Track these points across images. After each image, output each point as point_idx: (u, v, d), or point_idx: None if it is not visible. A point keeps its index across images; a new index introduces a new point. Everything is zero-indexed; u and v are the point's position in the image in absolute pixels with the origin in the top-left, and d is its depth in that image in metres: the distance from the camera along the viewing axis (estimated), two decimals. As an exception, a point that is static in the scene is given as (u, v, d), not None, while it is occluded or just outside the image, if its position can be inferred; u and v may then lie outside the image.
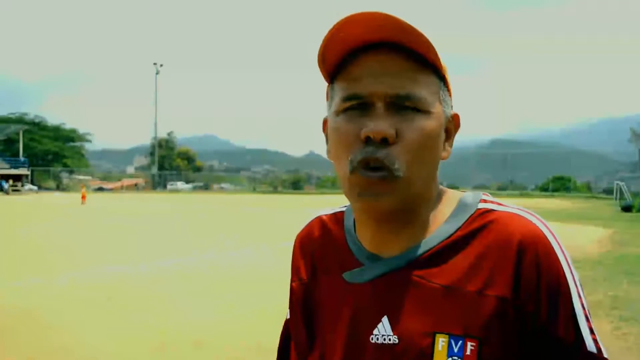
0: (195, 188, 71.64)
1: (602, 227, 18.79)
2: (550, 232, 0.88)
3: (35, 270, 9.66)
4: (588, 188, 68.95)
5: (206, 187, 74.55)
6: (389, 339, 0.90)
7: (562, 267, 0.85)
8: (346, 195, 0.94)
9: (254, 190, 70.20)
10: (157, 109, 76.10)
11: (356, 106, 0.89)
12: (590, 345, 0.84)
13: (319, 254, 1.07)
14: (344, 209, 1.10)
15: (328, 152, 0.99)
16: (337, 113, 0.92)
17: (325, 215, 1.12)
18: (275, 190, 68.79)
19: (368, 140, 0.86)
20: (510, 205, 0.94)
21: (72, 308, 7.06)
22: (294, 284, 1.10)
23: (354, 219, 1.03)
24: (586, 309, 0.86)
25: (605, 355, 0.85)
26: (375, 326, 0.92)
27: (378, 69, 0.88)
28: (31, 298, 7.57)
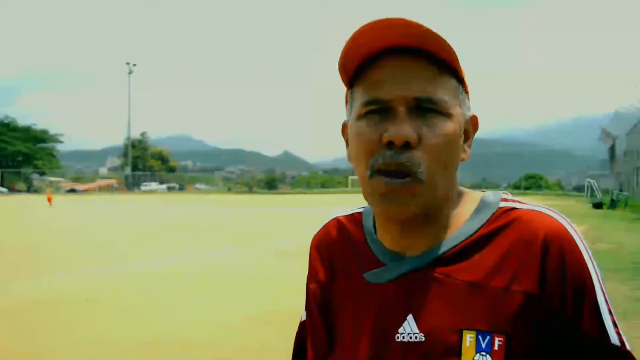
0: (170, 189, 70.97)
1: (574, 224, 19.09)
2: (573, 229, 0.90)
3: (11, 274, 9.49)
4: (559, 186, 70.14)
5: (181, 188, 73.94)
6: (415, 337, 0.91)
7: (586, 263, 0.88)
8: (366, 199, 0.94)
9: (229, 190, 69.86)
10: (131, 109, 75.16)
11: (377, 110, 0.90)
12: (614, 338, 0.86)
13: (338, 255, 1.07)
14: (361, 209, 1.10)
15: (348, 156, 0.99)
16: (358, 117, 0.92)
17: (342, 216, 1.12)
18: (250, 191, 68.54)
19: (390, 145, 0.87)
20: (531, 203, 0.96)
21: (52, 310, 6.96)
22: (312, 286, 1.10)
23: (374, 220, 1.03)
24: (608, 303, 0.88)
25: (629, 348, 0.87)
26: (400, 325, 0.93)
27: (399, 73, 0.90)
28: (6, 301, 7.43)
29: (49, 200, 33.19)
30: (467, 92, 0.97)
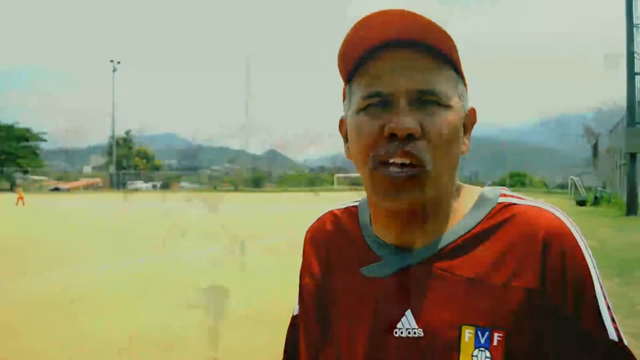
0: (155, 187, 70.51)
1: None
2: (573, 225, 0.90)
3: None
4: (544, 184, 70.67)
5: (166, 186, 73.46)
6: (414, 332, 0.90)
7: (586, 260, 0.88)
8: (369, 193, 0.94)
9: (215, 188, 69.55)
10: (115, 107, 74.56)
11: (378, 103, 0.89)
12: (612, 334, 0.86)
13: (333, 249, 1.06)
14: (356, 203, 1.09)
15: (347, 150, 0.99)
16: (358, 111, 0.92)
17: (338, 209, 1.12)
18: (236, 189, 68.29)
19: (392, 137, 0.87)
20: (530, 199, 0.95)
21: (33, 310, 6.89)
22: (306, 280, 1.09)
23: (370, 213, 1.03)
24: (606, 298, 0.88)
25: (626, 343, 0.87)
26: (398, 320, 0.92)
27: (399, 66, 0.89)
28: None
29: (21, 199, 31.81)
30: (465, 85, 0.96)
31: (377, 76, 0.90)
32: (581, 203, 31.24)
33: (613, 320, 0.87)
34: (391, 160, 0.87)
